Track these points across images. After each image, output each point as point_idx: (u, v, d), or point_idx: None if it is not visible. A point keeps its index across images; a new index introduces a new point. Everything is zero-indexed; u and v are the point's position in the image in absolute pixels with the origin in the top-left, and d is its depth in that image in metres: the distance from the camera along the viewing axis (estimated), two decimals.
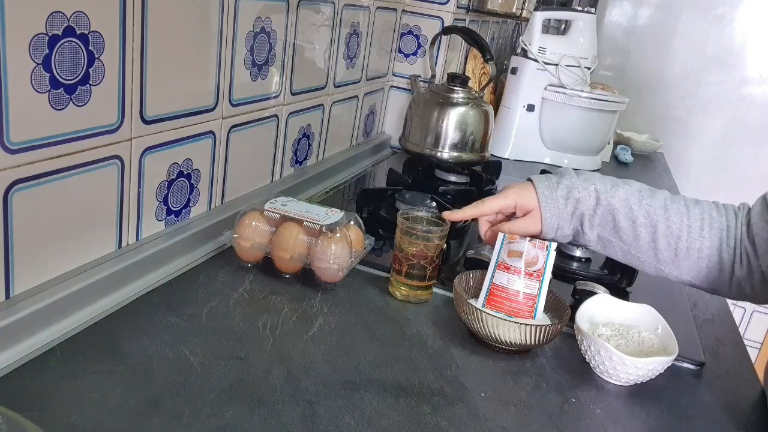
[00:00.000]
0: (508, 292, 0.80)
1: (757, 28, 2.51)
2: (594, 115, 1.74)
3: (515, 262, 0.80)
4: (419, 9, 1.54)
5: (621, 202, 0.80)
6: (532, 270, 0.80)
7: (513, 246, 0.81)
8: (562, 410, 0.70)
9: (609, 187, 0.81)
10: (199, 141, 0.88)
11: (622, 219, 0.79)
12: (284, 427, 0.59)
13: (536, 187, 0.84)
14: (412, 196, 1.15)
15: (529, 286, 0.80)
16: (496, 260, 0.81)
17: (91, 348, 0.66)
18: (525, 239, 0.81)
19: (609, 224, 0.80)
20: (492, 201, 0.86)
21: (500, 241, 0.82)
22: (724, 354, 0.89)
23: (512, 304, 0.80)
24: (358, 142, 1.49)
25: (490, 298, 0.81)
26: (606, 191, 0.81)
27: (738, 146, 2.61)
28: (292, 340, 0.73)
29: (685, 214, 0.78)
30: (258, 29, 0.95)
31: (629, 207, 0.79)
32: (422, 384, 0.70)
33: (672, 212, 0.78)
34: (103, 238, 0.75)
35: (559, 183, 0.83)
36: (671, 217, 0.78)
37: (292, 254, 0.85)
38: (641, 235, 0.79)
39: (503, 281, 0.80)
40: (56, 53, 0.62)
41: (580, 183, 0.82)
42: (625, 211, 0.79)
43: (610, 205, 0.80)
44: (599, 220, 0.81)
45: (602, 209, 0.80)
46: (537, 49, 1.73)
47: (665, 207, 0.79)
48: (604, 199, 0.80)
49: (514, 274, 0.80)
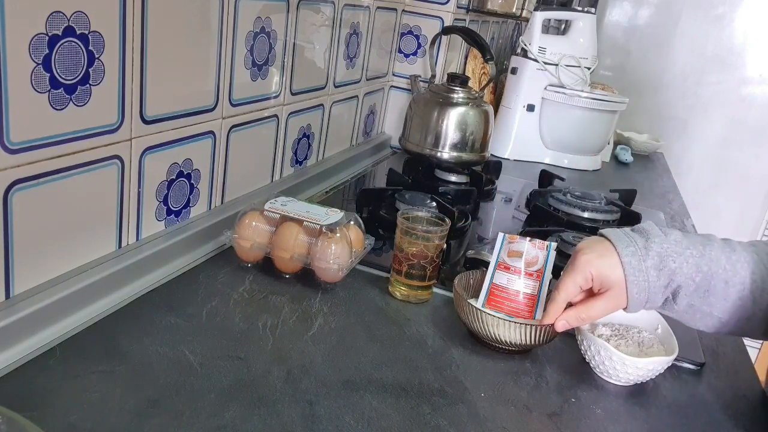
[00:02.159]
0: (508, 292, 0.80)
1: (757, 28, 2.51)
2: (594, 115, 1.74)
3: (515, 262, 0.80)
4: (419, 9, 1.54)
5: (716, 264, 0.69)
6: (532, 270, 0.79)
7: (513, 246, 0.81)
8: (562, 410, 0.70)
9: (701, 248, 0.70)
10: (199, 141, 0.88)
11: (717, 283, 0.69)
12: (284, 427, 0.59)
13: (620, 255, 0.70)
14: (412, 196, 1.15)
15: (529, 286, 0.79)
16: (496, 260, 0.81)
17: (91, 348, 0.66)
18: (525, 239, 0.80)
19: (702, 290, 0.70)
20: (568, 284, 0.72)
21: (500, 241, 0.82)
22: (724, 354, 0.89)
23: (512, 304, 0.80)
24: (358, 142, 1.49)
25: (490, 298, 0.81)
26: (702, 255, 0.70)
27: (738, 146, 2.61)
28: (292, 340, 0.73)
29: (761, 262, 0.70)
30: (258, 29, 0.95)
31: (723, 267, 0.69)
32: (422, 384, 0.70)
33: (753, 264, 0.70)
34: (103, 238, 0.75)
35: (648, 249, 0.70)
36: (756, 272, 0.69)
37: (292, 254, 0.85)
38: (731, 294, 0.69)
39: (503, 281, 0.80)
40: (56, 53, 0.62)
41: (674, 248, 0.70)
42: (720, 273, 0.69)
43: (709, 270, 0.69)
44: (696, 289, 0.70)
45: (701, 276, 0.69)
46: (537, 49, 1.73)
47: (747, 261, 0.70)
48: (704, 265, 0.69)
49: (514, 274, 0.80)
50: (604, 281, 0.71)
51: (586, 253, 0.72)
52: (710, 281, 0.70)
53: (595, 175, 1.81)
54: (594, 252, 0.72)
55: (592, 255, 0.72)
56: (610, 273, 0.70)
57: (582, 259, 0.72)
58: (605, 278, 0.71)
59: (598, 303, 0.72)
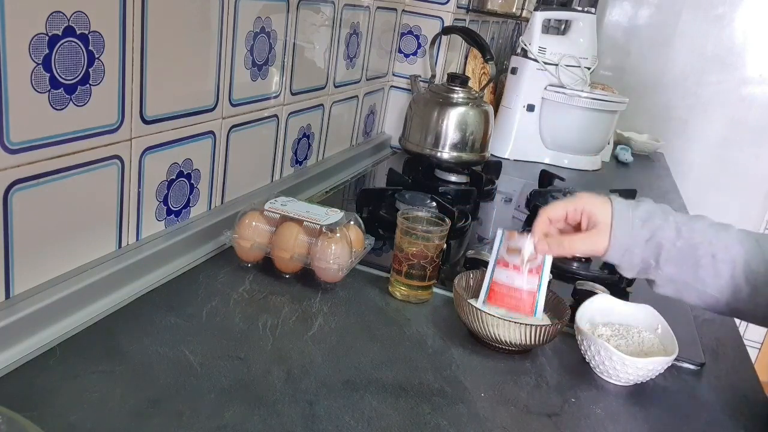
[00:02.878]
0: (509, 289, 0.80)
1: (757, 28, 2.51)
2: (594, 115, 1.74)
3: (515, 258, 0.80)
4: (419, 9, 1.54)
5: (701, 235, 0.72)
6: (531, 266, 0.79)
7: (512, 243, 0.80)
8: (562, 410, 0.70)
9: (687, 219, 0.74)
10: (199, 141, 0.88)
11: (703, 254, 0.72)
12: (284, 427, 0.59)
13: (612, 201, 0.76)
14: (412, 196, 1.15)
15: (529, 282, 0.80)
16: (495, 257, 0.81)
17: (91, 348, 0.66)
18: (524, 235, 0.80)
19: (689, 261, 0.72)
20: (558, 204, 0.78)
21: (499, 238, 0.82)
22: (724, 354, 0.89)
23: (513, 301, 0.80)
24: (358, 142, 1.49)
25: (491, 295, 0.81)
26: (685, 223, 0.73)
27: (738, 146, 2.61)
28: (292, 340, 0.73)
29: (757, 247, 0.72)
30: (258, 29, 0.95)
31: (709, 241, 0.72)
32: (422, 384, 0.70)
33: (748, 246, 0.72)
34: (103, 238, 0.75)
35: (638, 205, 0.76)
36: (749, 251, 0.71)
37: (292, 254, 0.85)
38: (722, 271, 0.71)
39: (503, 278, 0.80)
40: (56, 53, 0.62)
41: (660, 211, 0.75)
42: (705, 246, 0.72)
43: (691, 238, 0.72)
44: (678, 255, 0.72)
45: (683, 242, 0.72)
46: (537, 49, 1.73)
47: (740, 241, 0.72)
48: (685, 231, 0.73)
49: (514, 271, 0.80)
50: (592, 218, 0.76)
51: (583, 194, 0.78)
52: (695, 252, 0.72)
53: (595, 175, 1.81)
54: (591, 196, 0.78)
55: (589, 196, 0.78)
56: (599, 211, 0.75)
57: (578, 195, 0.78)
58: (594, 215, 0.76)
59: (581, 236, 0.77)
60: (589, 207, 0.76)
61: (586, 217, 0.77)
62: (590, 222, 0.76)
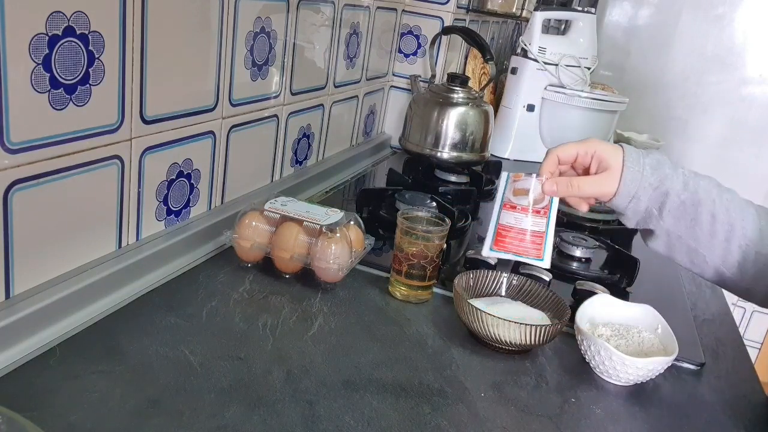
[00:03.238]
0: (517, 232, 0.78)
1: (757, 28, 2.51)
2: (594, 115, 1.74)
3: (522, 200, 0.78)
4: (419, 9, 1.54)
5: (705, 192, 0.73)
6: (539, 207, 0.77)
7: (519, 184, 0.78)
8: (562, 410, 0.70)
9: (694, 174, 0.75)
10: (199, 141, 0.88)
11: (704, 211, 0.72)
12: (284, 427, 0.59)
13: (623, 147, 0.76)
14: (412, 196, 1.15)
15: (536, 224, 0.77)
16: (501, 200, 0.79)
17: (91, 348, 0.66)
18: (531, 176, 0.78)
19: (689, 215, 0.73)
20: (570, 145, 0.77)
21: (504, 180, 0.80)
22: (724, 354, 0.89)
23: (521, 244, 0.78)
24: (358, 142, 1.49)
25: (498, 239, 0.78)
26: (692, 178, 0.74)
27: (738, 146, 2.61)
28: (292, 340, 0.73)
29: (756, 216, 0.73)
30: (258, 29, 0.95)
31: (712, 200, 0.72)
32: (422, 384, 0.70)
33: (747, 214, 0.72)
34: (103, 238, 0.75)
35: (649, 153, 0.75)
36: (746, 218, 0.72)
37: (292, 254, 0.85)
38: (718, 232, 0.72)
39: (511, 221, 0.78)
40: (56, 53, 0.62)
41: (669, 162, 0.75)
42: (708, 204, 0.72)
43: (696, 193, 0.73)
44: (680, 208, 0.73)
45: (687, 195, 0.73)
46: (537, 49, 1.73)
47: (741, 207, 0.73)
48: (692, 185, 0.73)
49: (522, 213, 0.77)
50: (603, 161, 0.75)
51: (594, 139, 0.77)
52: (697, 208, 0.72)
53: None
54: (601, 140, 0.77)
55: (599, 140, 0.77)
56: (611, 155, 0.75)
57: (591, 138, 0.77)
58: (605, 159, 0.75)
59: (590, 179, 0.76)
60: (601, 150, 0.75)
61: (597, 161, 0.76)
62: (600, 166, 0.76)
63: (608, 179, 0.75)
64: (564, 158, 0.78)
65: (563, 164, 0.79)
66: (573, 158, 0.78)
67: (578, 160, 0.78)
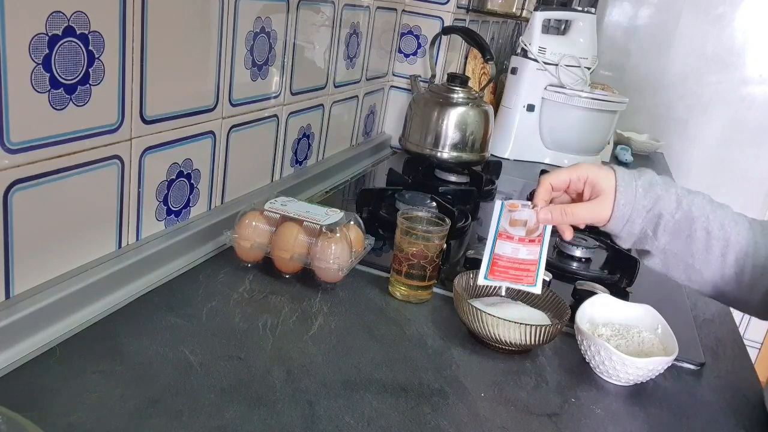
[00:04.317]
0: (512, 261, 0.78)
1: (757, 28, 2.51)
2: (594, 115, 1.74)
3: (518, 231, 0.78)
4: (419, 9, 1.54)
5: (699, 209, 0.73)
6: (533, 236, 0.78)
7: (515, 215, 0.79)
8: (562, 410, 0.70)
9: (687, 192, 0.75)
10: (199, 141, 0.88)
11: (698, 228, 0.72)
12: (284, 427, 0.59)
13: (615, 171, 0.76)
14: (412, 196, 1.15)
15: (531, 252, 0.78)
16: (496, 229, 0.79)
17: (91, 348, 0.66)
18: (527, 206, 0.79)
19: (684, 233, 0.73)
20: (562, 172, 0.77)
21: (498, 210, 0.80)
22: (724, 354, 0.89)
23: (516, 272, 0.78)
24: (358, 142, 1.49)
25: (493, 268, 0.79)
26: (685, 196, 0.74)
27: (738, 146, 2.61)
28: (292, 340, 0.73)
29: (750, 229, 0.73)
30: (258, 29, 0.95)
31: (706, 216, 0.73)
32: (422, 384, 0.70)
33: (741, 227, 0.73)
34: (103, 238, 0.75)
35: (641, 175, 0.76)
36: (741, 232, 0.72)
37: (292, 254, 0.85)
38: (713, 247, 0.72)
39: (507, 251, 0.79)
40: (56, 53, 0.62)
41: (661, 182, 0.76)
42: (702, 220, 0.73)
43: (690, 211, 0.73)
44: (675, 227, 0.73)
45: (681, 214, 0.73)
46: (537, 49, 1.73)
47: (735, 221, 0.73)
48: (685, 204, 0.73)
49: (518, 243, 0.78)
50: (596, 186, 0.75)
51: (585, 163, 0.78)
52: (691, 225, 0.73)
53: None
54: (593, 164, 0.78)
55: (592, 165, 0.77)
56: (603, 180, 0.75)
57: (582, 164, 0.77)
58: (597, 183, 0.75)
59: (584, 205, 0.76)
60: (593, 175, 0.76)
61: (590, 186, 0.76)
62: (593, 191, 0.76)
63: (602, 204, 0.75)
64: (557, 185, 0.78)
65: (556, 191, 0.79)
66: (566, 185, 0.78)
67: (571, 185, 0.78)
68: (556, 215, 0.77)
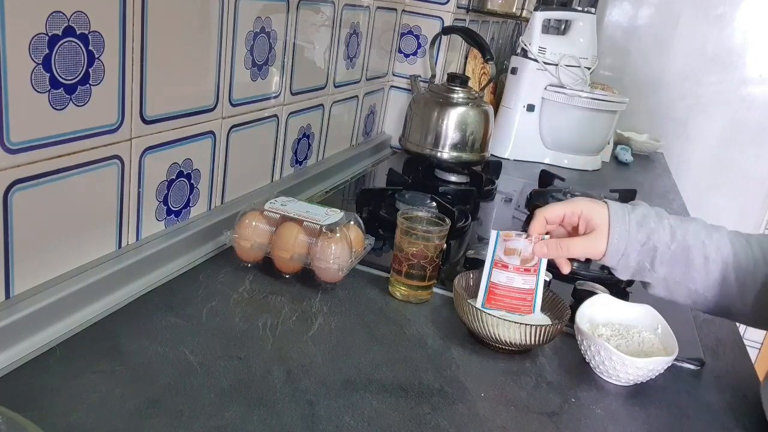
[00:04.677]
0: (508, 290, 0.80)
1: (757, 28, 2.51)
2: (594, 115, 1.74)
3: (513, 260, 0.80)
4: (419, 9, 1.54)
5: (694, 237, 0.74)
6: (529, 266, 0.80)
7: (509, 244, 0.80)
8: (562, 410, 0.70)
9: (680, 222, 0.76)
10: (199, 141, 0.88)
11: (696, 255, 0.74)
12: (284, 427, 0.59)
13: (609, 205, 0.77)
14: (412, 196, 1.15)
15: (527, 282, 0.80)
16: (491, 259, 0.81)
17: (91, 348, 0.66)
18: (521, 236, 0.80)
19: (681, 262, 0.74)
20: (556, 207, 0.79)
21: (494, 240, 0.81)
22: (724, 354, 0.89)
23: (513, 301, 0.80)
24: (358, 142, 1.49)
25: (490, 297, 0.81)
26: (679, 226, 0.75)
27: (738, 146, 2.61)
28: (292, 340, 0.73)
29: (748, 247, 0.74)
30: (258, 29, 0.95)
31: (702, 242, 0.74)
32: (422, 384, 0.70)
33: (738, 246, 0.74)
34: (103, 238, 0.75)
35: (634, 209, 0.77)
36: (738, 252, 0.73)
37: (292, 254, 0.85)
38: (713, 272, 0.74)
39: (502, 279, 0.80)
40: (56, 53, 0.62)
41: (654, 214, 0.77)
42: (698, 247, 0.74)
43: (685, 240, 0.74)
44: (672, 257, 0.74)
45: (677, 245, 0.74)
46: (537, 49, 1.73)
47: (731, 242, 0.74)
48: (679, 235, 0.74)
49: (513, 272, 0.80)
50: (590, 221, 0.77)
51: (581, 198, 0.80)
52: (688, 254, 0.74)
53: (595, 175, 1.81)
54: (587, 199, 0.80)
55: (586, 200, 0.79)
56: (597, 215, 0.76)
57: (576, 199, 0.79)
58: (591, 218, 0.77)
59: (579, 240, 0.78)
60: (587, 210, 0.77)
61: (584, 221, 0.78)
62: (588, 225, 0.78)
63: (596, 239, 0.76)
64: (551, 219, 0.79)
65: (551, 224, 0.80)
66: (560, 218, 0.79)
67: (566, 219, 0.79)
68: (552, 249, 0.78)
